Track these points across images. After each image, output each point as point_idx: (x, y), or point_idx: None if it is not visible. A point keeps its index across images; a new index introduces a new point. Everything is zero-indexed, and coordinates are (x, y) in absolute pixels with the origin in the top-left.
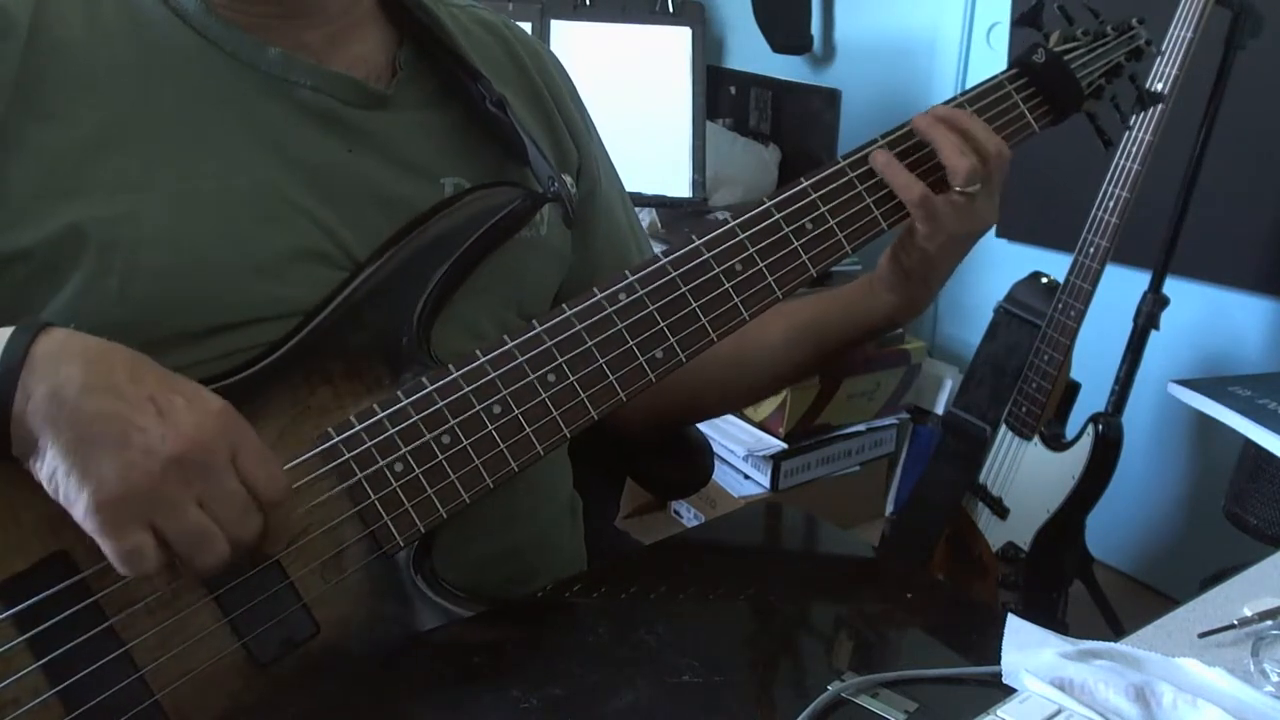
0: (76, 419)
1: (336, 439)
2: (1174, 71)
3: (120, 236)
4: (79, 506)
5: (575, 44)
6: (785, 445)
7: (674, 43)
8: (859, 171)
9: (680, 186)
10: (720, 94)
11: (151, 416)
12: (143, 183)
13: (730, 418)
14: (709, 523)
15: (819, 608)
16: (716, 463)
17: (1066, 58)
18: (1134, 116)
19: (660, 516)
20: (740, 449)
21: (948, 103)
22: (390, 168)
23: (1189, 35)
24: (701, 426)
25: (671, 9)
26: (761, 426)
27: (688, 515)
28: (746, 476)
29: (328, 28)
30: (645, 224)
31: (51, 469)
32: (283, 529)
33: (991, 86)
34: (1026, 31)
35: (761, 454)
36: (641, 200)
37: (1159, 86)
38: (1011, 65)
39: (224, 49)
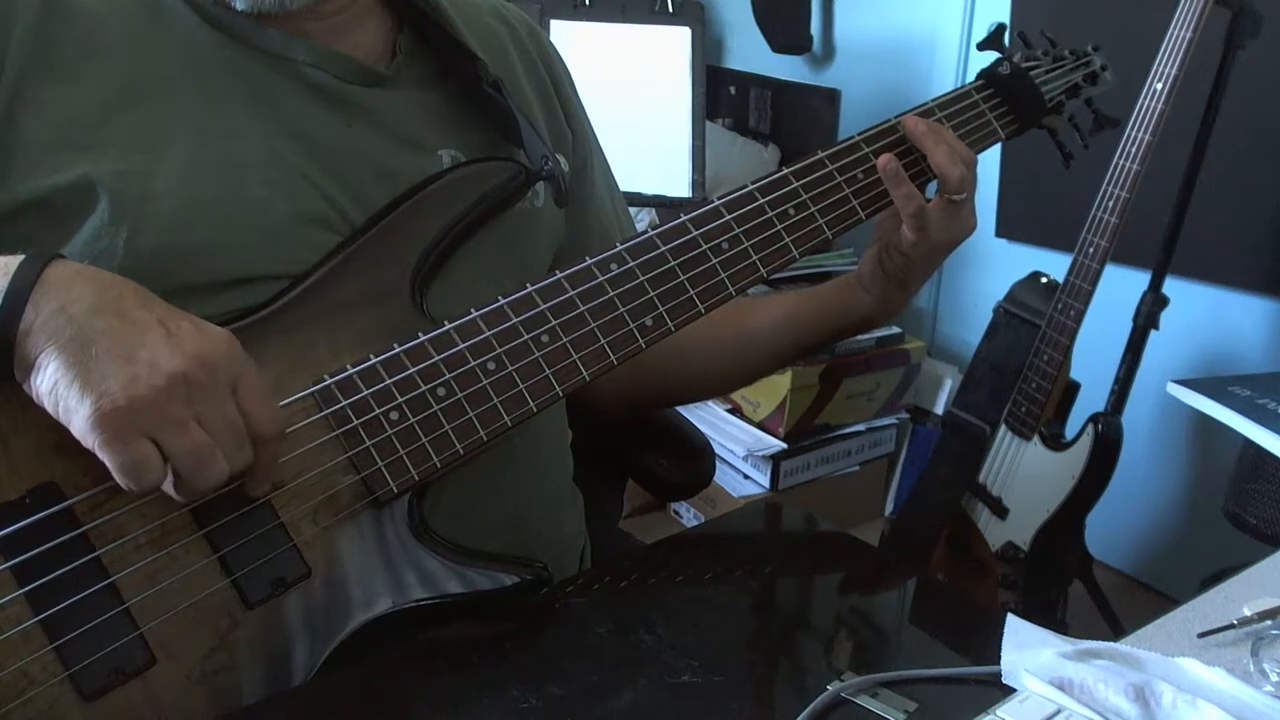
0: (83, 334)
1: (330, 381)
2: (1174, 71)
3: (131, 189)
4: (80, 417)
5: (575, 44)
6: (785, 445)
7: (673, 43)
8: (838, 164)
9: (680, 186)
10: (720, 94)
11: (159, 336)
12: (153, 143)
13: (730, 418)
14: (709, 522)
15: (819, 607)
16: (716, 463)
17: (1031, 73)
18: (1091, 136)
19: (660, 516)
20: (740, 449)
21: (918, 108)
22: (388, 142)
23: (1189, 35)
24: (701, 427)
25: (671, 9)
26: (761, 426)
27: (687, 515)
28: (746, 476)
29: (331, 20)
30: (645, 223)
31: (53, 381)
32: (270, 470)
33: (960, 95)
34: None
35: (761, 454)
36: (641, 200)
37: (1159, 86)
38: (978, 77)
39: (227, 30)
